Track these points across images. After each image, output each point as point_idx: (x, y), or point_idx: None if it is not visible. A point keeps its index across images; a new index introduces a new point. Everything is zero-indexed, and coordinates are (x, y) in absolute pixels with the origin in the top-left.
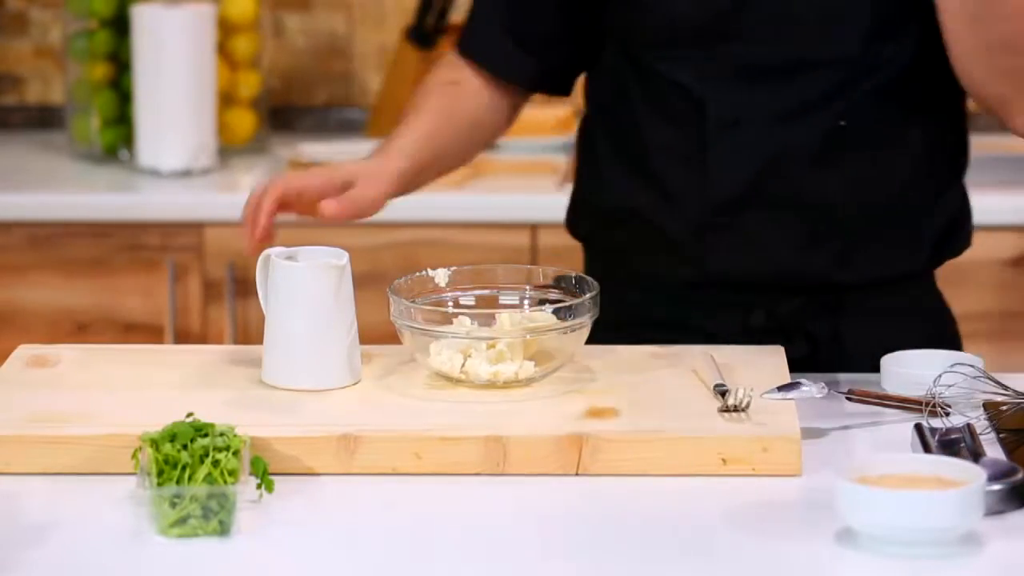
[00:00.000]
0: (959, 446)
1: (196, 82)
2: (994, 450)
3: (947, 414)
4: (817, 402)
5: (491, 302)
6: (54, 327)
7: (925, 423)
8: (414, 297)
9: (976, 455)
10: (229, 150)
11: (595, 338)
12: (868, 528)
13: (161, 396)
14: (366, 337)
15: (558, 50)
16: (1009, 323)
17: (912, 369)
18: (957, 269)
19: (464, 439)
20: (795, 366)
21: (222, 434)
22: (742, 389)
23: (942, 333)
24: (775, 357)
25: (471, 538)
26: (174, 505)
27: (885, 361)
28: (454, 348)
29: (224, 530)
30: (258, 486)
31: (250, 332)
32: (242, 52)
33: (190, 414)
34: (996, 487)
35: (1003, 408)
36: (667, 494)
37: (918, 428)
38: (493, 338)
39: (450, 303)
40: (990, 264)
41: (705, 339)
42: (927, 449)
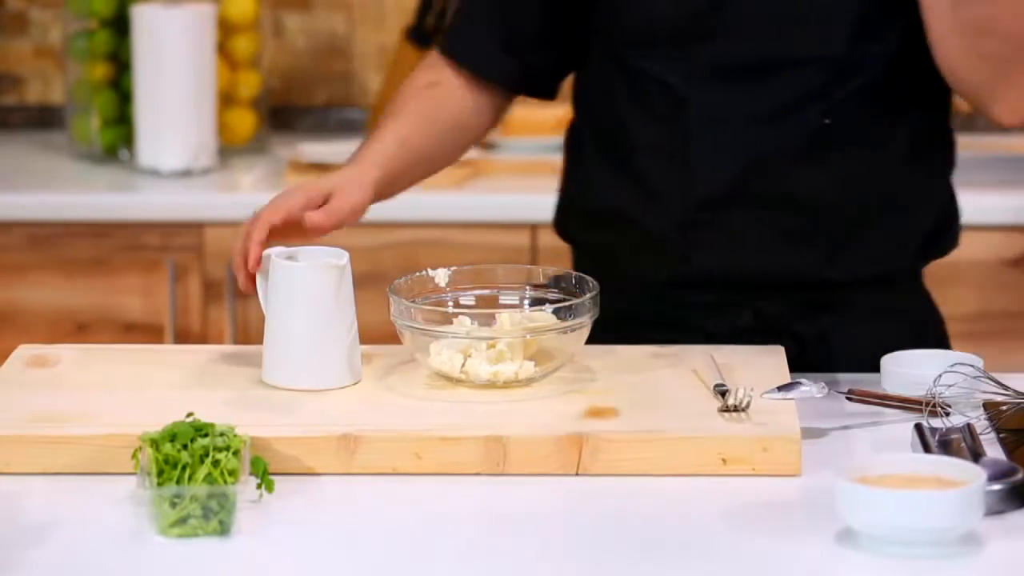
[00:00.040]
0: (959, 446)
1: (196, 82)
2: (994, 450)
3: (947, 414)
4: (817, 402)
5: (491, 302)
6: (54, 327)
7: (925, 423)
8: (414, 297)
9: (976, 455)
10: (229, 150)
11: (588, 338)
12: (868, 528)
13: (161, 396)
14: (366, 337)
15: (542, 52)
16: (1009, 323)
17: (912, 369)
18: (957, 269)
19: (464, 439)
20: None
21: (222, 434)
22: (742, 389)
23: (930, 333)
24: (775, 357)
25: (471, 538)
26: (174, 505)
27: (885, 361)
28: (454, 348)
29: (224, 530)
30: (258, 486)
31: (250, 332)
32: (242, 52)
33: (190, 414)
34: (996, 487)
35: (1003, 408)
36: (667, 494)
37: (918, 428)
38: (493, 338)
39: (450, 303)
40: (990, 264)
41: (692, 339)
42: (927, 449)
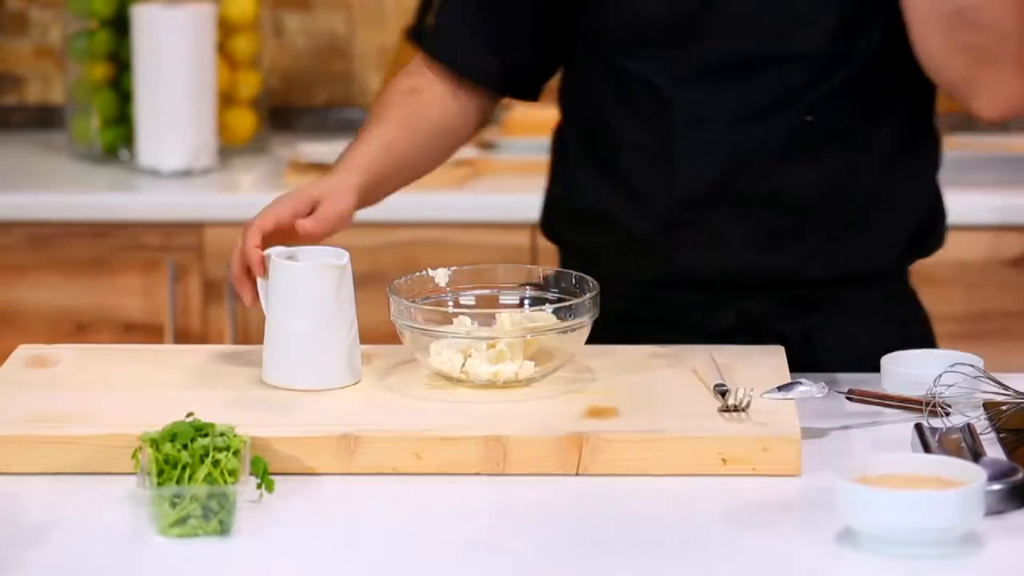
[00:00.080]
0: (959, 446)
1: (196, 82)
2: (994, 450)
3: (947, 414)
4: (817, 402)
5: (491, 302)
6: (54, 327)
7: (925, 423)
8: (414, 297)
9: (976, 455)
10: (229, 150)
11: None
12: (868, 528)
13: (161, 396)
14: (366, 337)
15: (526, 52)
16: (1009, 323)
17: (912, 369)
18: (957, 269)
19: (464, 439)
20: None
21: (222, 434)
22: (742, 389)
23: (915, 333)
24: (775, 357)
25: (471, 538)
26: (174, 505)
27: (885, 361)
28: (454, 348)
29: (224, 530)
30: (258, 486)
31: (250, 332)
32: (242, 52)
33: (190, 414)
34: (996, 487)
35: (1003, 408)
36: (667, 494)
37: (918, 428)
38: (493, 338)
39: (450, 303)
40: (990, 264)
41: (676, 339)
42: (927, 449)
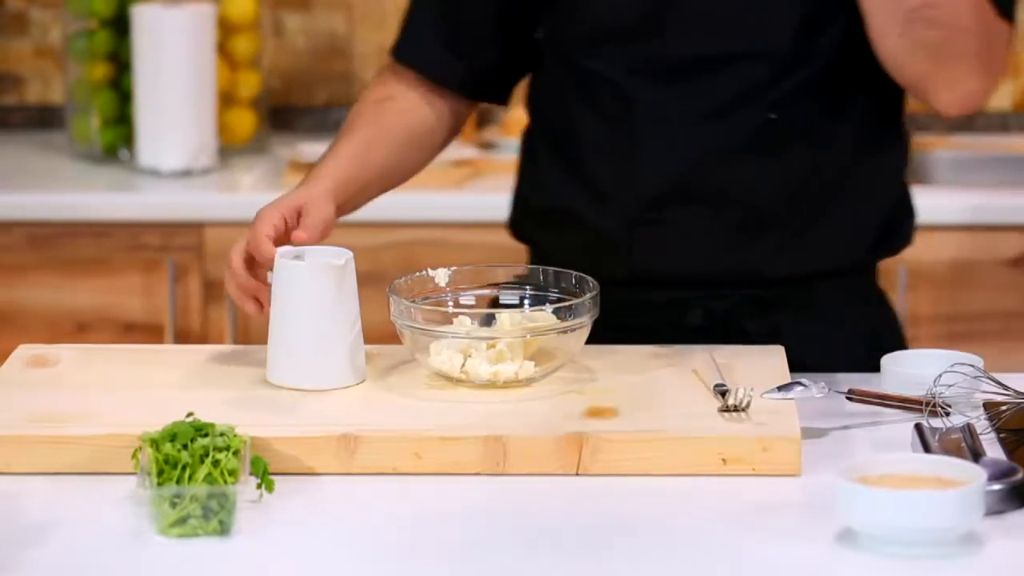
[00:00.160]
0: (959, 446)
1: (196, 82)
2: (994, 450)
3: (947, 414)
4: (817, 402)
5: (491, 302)
6: (54, 327)
7: (925, 423)
8: (414, 297)
9: (976, 455)
10: (229, 150)
11: None
12: (868, 528)
13: (161, 396)
14: (366, 337)
15: (492, 55)
16: (1009, 323)
17: (912, 369)
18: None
19: (464, 439)
20: None
21: (222, 434)
22: (742, 389)
23: (884, 331)
24: (775, 357)
25: (471, 538)
26: (174, 505)
27: (885, 361)
28: (454, 348)
29: (224, 530)
30: (258, 486)
31: (250, 332)
32: (242, 52)
33: (190, 414)
34: (996, 487)
35: (1003, 408)
36: (667, 494)
37: (918, 428)
38: (493, 338)
39: (450, 303)
40: (990, 264)
41: (642, 338)
42: (927, 449)
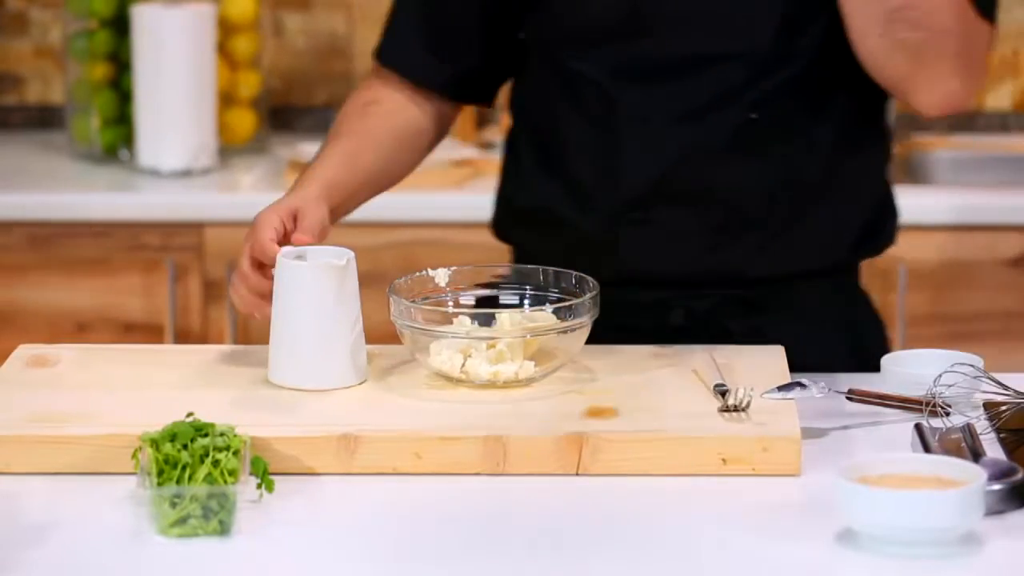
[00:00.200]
0: (959, 446)
1: (196, 82)
2: (994, 450)
3: (947, 414)
4: (817, 402)
5: (491, 302)
6: (54, 327)
7: (925, 423)
8: (414, 297)
9: (976, 455)
10: (229, 150)
11: None
12: (868, 528)
13: (161, 396)
14: (366, 337)
15: (475, 57)
16: (1009, 323)
17: (912, 369)
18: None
19: (464, 439)
20: None
21: (222, 434)
22: (742, 389)
23: (866, 331)
24: (775, 357)
25: (471, 538)
26: (174, 505)
27: (885, 361)
28: (454, 348)
29: (224, 530)
30: (258, 486)
31: (250, 332)
32: (242, 52)
33: (190, 414)
34: (996, 487)
35: (1003, 408)
36: (667, 494)
37: (918, 428)
38: (493, 338)
39: (450, 303)
40: (990, 264)
41: (624, 338)
42: (927, 449)
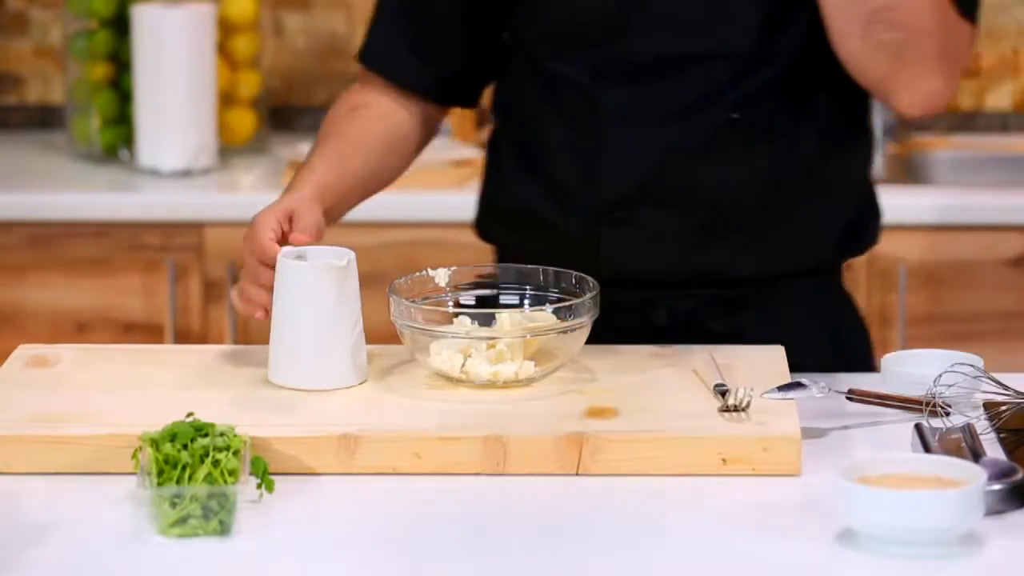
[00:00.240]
0: (959, 446)
1: (196, 82)
2: (994, 450)
3: (947, 414)
4: (817, 402)
5: (491, 302)
6: (54, 327)
7: (925, 423)
8: (414, 297)
9: (976, 455)
10: (229, 150)
11: None
12: (868, 528)
13: (161, 396)
14: (366, 337)
15: (458, 60)
16: (1009, 323)
17: (912, 369)
18: (958, 269)
19: (464, 439)
20: None
21: (222, 434)
22: (742, 389)
23: (848, 332)
24: (775, 357)
25: (471, 538)
26: (174, 505)
27: (885, 361)
28: (454, 348)
29: (224, 530)
30: (258, 486)
31: (250, 332)
32: (242, 52)
33: (190, 414)
34: (996, 487)
35: (1003, 408)
36: (667, 494)
37: (918, 428)
38: (493, 338)
39: (450, 303)
40: (990, 264)
41: (607, 338)
42: (927, 449)
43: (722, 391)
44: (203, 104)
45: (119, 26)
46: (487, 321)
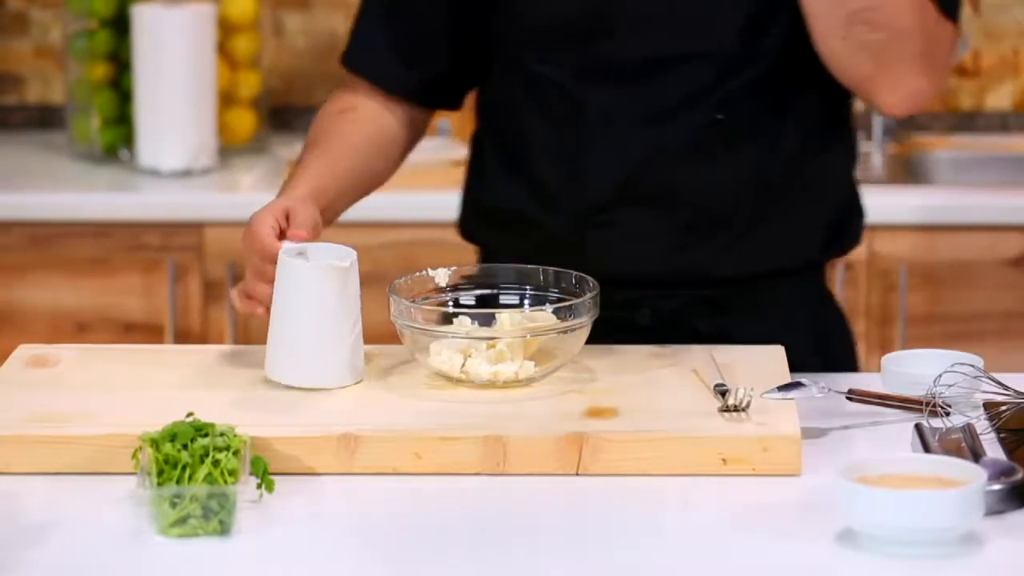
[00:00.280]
0: (959, 446)
1: (196, 82)
2: (994, 450)
3: (947, 414)
4: (817, 402)
5: (491, 302)
6: (54, 327)
7: (925, 423)
8: (414, 297)
9: (976, 455)
10: (229, 150)
11: None
12: (868, 528)
13: (161, 396)
14: (366, 337)
15: (442, 62)
16: (1009, 323)
17: (912, 369)
18: (958, 269)
19: (464, 439)
20: None
21: (222, 434)
22: (742, 389)
23: (832, 332)
24: (775, 357)
25: (471, 538)
26: (174, 505)
27: (885, 361)
28: (454, 348)
29: (224, 530)
30: (258, 486)
31: (250, 332)
32: (242, 52)
33: (190, 414)
34: (996, 487)
35: (1003, 408)
36: (667, 494)
37: (918, 428)
38: (493, 338)
39: (450, 303)
40: (990, 264)
41: (591, 338)
42: (927, 449)
43: (722, 391)
44: (203, 104)
45: (119, 26)
46: (487, 321)
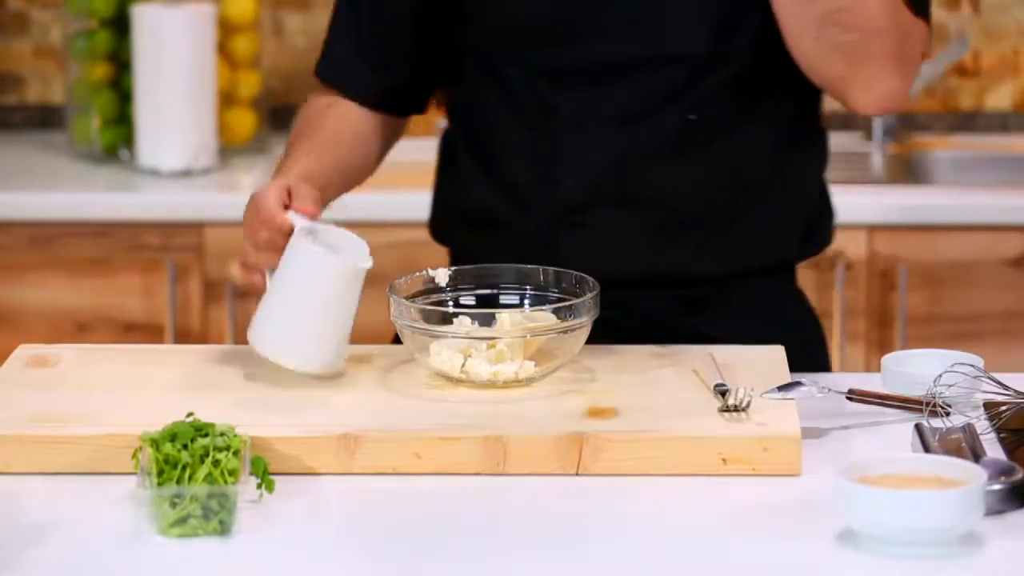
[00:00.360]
0: (959, 446)
1: (196, 82)
2: (994, 450)
3: (947, 414)
4: (817, 402)
5: (491, 302)
6: (54, 327)
7: (925, 423)
8: (414, 297)
9: (976, 455)
10: (229, 150)
11: None
12: (868, 528)
13: (161, 396)
14: (366, 337)
15: (410, 70)
16: (1009, 323)
17: (912, 369)
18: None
19: (464, 439)
20: None
21: (222, 434)
22: (742, 389)
23: (804, 330)
24: (775, 357)
25: (471, 538)
26: (174, 505)
27: (885, 361)
28: (454, 348)
29: (224, 530)
30: (258, 486)
31: None
32: (242, 52)
33: (190, 414)
34: (996, 487)
35: (1003, 408)
36: (667, 494)
37: (918, 428)
38: (493, 338)
39: (450, 303)
40: (990, 264)
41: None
42: (927, 449)
43: (722, 391)
44: (203, 104)
45: (119, 26)
46: (487, 321)
